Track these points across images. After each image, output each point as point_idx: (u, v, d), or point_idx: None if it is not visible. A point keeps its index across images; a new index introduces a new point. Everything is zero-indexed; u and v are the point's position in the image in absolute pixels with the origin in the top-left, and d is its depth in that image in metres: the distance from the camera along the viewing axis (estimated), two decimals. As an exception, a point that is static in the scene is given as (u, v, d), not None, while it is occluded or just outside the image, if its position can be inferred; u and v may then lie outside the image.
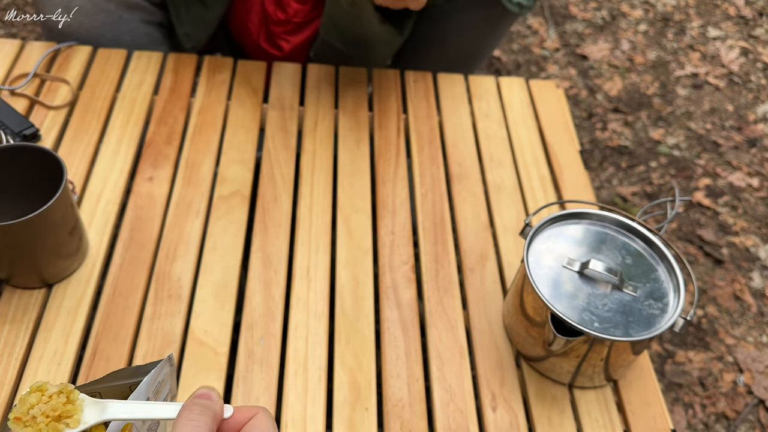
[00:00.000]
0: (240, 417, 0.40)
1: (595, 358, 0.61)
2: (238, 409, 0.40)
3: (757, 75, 1.77)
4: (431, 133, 0.88)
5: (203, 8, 0.96)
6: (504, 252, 0.76)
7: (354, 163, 0.83)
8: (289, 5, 0.98)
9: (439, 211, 0.79)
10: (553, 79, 1.54)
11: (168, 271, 0.69)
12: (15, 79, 0.85)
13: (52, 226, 0.60)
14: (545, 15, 1.88)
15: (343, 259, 0.73)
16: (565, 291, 0.61)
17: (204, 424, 0.38)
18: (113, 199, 0.74)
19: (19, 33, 1.60)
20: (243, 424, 0.39)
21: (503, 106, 0.93)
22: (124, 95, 0.86)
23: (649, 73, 1.74)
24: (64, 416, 0.39)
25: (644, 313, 0.61)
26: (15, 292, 0.65)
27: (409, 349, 0.66)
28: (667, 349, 1.19)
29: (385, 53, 0.97)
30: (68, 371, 0.60)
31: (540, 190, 0.83)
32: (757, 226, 1.41)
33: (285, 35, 1.00)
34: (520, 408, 0.64)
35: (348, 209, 0.78)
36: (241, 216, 0.75)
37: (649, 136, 1.57)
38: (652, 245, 0.66)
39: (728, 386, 1.15)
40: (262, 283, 0.69)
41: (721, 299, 1.27)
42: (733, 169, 1.52)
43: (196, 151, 0.81)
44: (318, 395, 0.62)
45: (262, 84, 0.90)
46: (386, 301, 0.70)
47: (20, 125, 0.78)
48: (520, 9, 0.91)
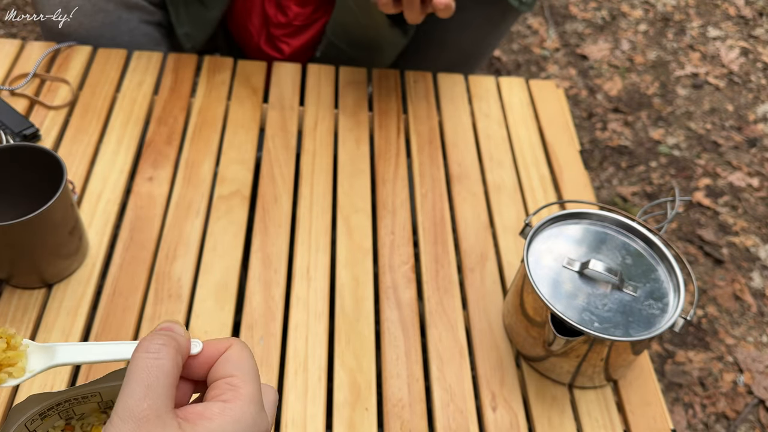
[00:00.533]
0: (211, 352, 0.35)
1: (595, 358, 0.61)
2: (208, 344, 0.35)
3: (757, 75, 1.77)
4: (431, 133, 0.88)
5: (203, 8, 0.96)
6: (504, 252, 0.76)
7: (354, 163, 0.83)
8: (289, 8, 0.98)
9: (439, 211, 0.79)
10: (553, 79, 1.54)
11: (168, 271, 0.69)
12: (15, 79, 0.85)
13: (52, 226, 0.60)
14: (545, 15, 1.88)
15: (343, 259, 0.73)
16: (565, 291, 0.61)
17: (166, 356, 0.32)
18: (113, 199, 0.74)
19: (19, 33, 1.60)
20: (215, 360, 0.34)
21: (503, 106, 0.93)
22: (124, 95, 0.86)
23: (649, 73, 1.74)
24: (5, 364, 0.35)
25: (644, 313, 0.61)
26: (15, 292, 0.65)
27: (409, 349, 0.66)
28: (667, 349, 1.19)
29: (390, 55, 0.98)
30: (68, 371, 0.60)
31: (540, 190, 0.83)
32: (757, 226, 1.41)
33: (285, 38, 1.00)
34: (520, 408, 0.64)
35: (348, 209, 0.78)
36: (241, 216, 0.75)
37: (649, 136, 1.57)
38: (652, 245, 0.66)
39: (728, 386, 1.15)
40: (262, 283, 0.69)
41: (721, 299, 1.27)
42: (733, 169, 1.52)
43: (196, 151, 0.81)
44: (318, 395, 0.62)
45: (262, 84, 0.90)
46: (386, 301, 0.70)
47: (20, 125, 0.78)
48: (519, 4, 0.91)
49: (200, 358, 0.35)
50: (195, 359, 0.35)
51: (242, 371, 0.34)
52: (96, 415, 0.46)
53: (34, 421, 0.43)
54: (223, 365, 0.34)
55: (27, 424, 0.43)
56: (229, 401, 0.32)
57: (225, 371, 0.34)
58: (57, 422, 0.45)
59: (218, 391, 0.33)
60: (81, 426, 0.46)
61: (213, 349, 0.35)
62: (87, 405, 0.45)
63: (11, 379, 0.35)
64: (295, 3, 0.97)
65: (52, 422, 0.45)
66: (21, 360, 0.36)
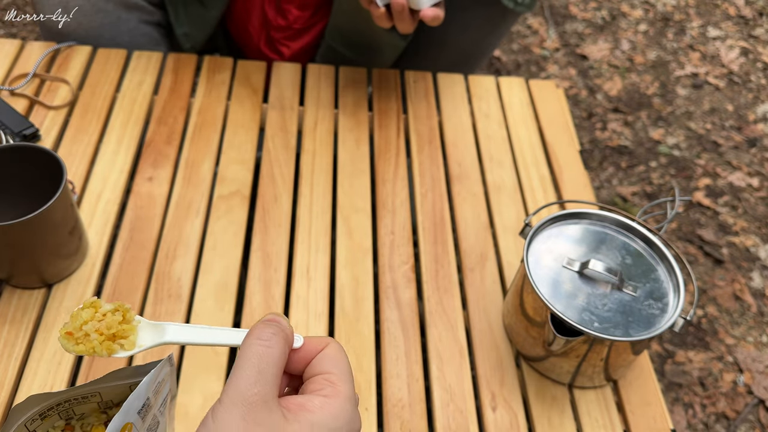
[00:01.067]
0: (310, 348, 0.36)
1: (595, 358, 0.61)
2: (308, 340, 0.36)
3: (757, 75, 1.77)
4: (431, 133, 0.88)
5: (202, 8, 0.96)
6: (504, 252, 0.76)
7: (354, 163, 0.83)
8: (289, 12, 0.98)
9: (439, 211, 0.79)
10: (553, 79, 1.54)
11: (168, 271, 0.69)
12: (15, 79, 0.85)
13: (52, 226, 0.60)
14: (545, 15, 1.88)
15: (343, 259, 0.73)
16: (565, 291, 0.61)
17: (276, 344, 0.34)
18: (113, 199, 0.74)
19: (19, 33, 1.60)
20: (313, 356, 0.36)
21: (503, 106, 0.93)
22: (124, 95, 0.86)
23: (649, 73, 1.74)
24: (119, 336, 0.36)
25: (644, 313, 0.61)
26: (15, 292, 0.65)
27: (409, 349, 0.66)
28: (667, 349, 1.19)
29: (390, 57, 0.98)
30: (68, 371, 0.60)
31: (540, 190, 0.83)
32: (757, 226, 1.41)
33: (285, 41, 1.01)
34: (520, 408, 0.64)
35: (348, 209, 0.78)
36: (241, 216, 0.75)
37: (649, 136, 1.57)
38: (652, 245, 0.66)
39: (728, 386, 1.15)
40: (262, 282, 0.69)
41: (721, 299, 1.27)
42: (733, 169, 1.52)
43: (196, 151, 0.81)
44: (318, 395, 0.62)
45: (262, 84, 0.90)
46: (386, 301, 0.70)
47: (20, 125, 0.78)
48: (515, 5, 0.91)
49: (300, 353, 0.36)
50: (295, 353, 0.36)
51: (340, 370, 0.35)
52: (96, 415, 0.46)
53: (34, 421, 0.43)
54: (322, 362, 0.35)
55: (27, 425, 0.43)
56: (329, 396, 0.34)
57: (323, 368, 0.35)
58: (57, 422, 0.45)
59: (317, 386, 0.34)
60: (81, 426, 0.46)
61: (312, 346, 0.36)
62: (87, 405, 0.45)
63: (122, 351, 0.36)
64: (295, 6, 0.98)
65: (52, 422, 0.45)
66: (133, 334, 0.37)
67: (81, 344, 0.36)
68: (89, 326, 0.36)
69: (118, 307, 0.37)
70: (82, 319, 0.36)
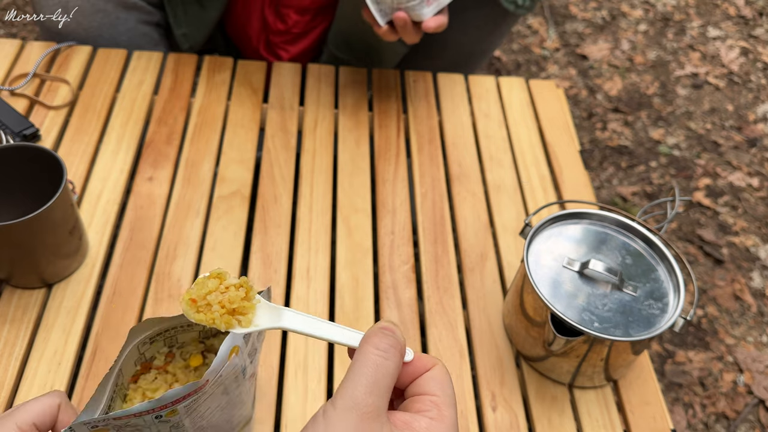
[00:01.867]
0: (419, 365, 0.36)
1: (595, 358, 0.61)
2: (417, 357, 0.36)
3: (757, 75, 1.77)
4: (431, 133, 0.88)
5: (201, 9, 0.96)
6: (504, 252, 0.76)
7: (354, 163, 0.83)
8: (288, 16, 0.98)
9: (439, 211, 0.79)
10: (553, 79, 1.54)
11: (168, 271, 0.69)
12: (15, 79, 0.85)
13: (52, 226, 0.60)
14: (545, 15, 1.88)
15: (343, 259, 0.73)
16: (565, 291, 0.61)
17: (393, 357, 0.33)
18: (113, 199, 0.74)
19: (19, 33, 1.60)
20: (420, 373, 0.35)
21: (503, 106, 0.93)
22: (124, 95, 0.86)
23: (649, 73, 1.74)
24: (238, 312, 0.36)
25: (644, 313, 0.61)
26: (15, 292, 0.65)
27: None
28: (667, 349, 1.19)
29: (392, 61, 0.99)
30: (68, 371, 0.60)
31: (540, 190, 0.83)
32: (757, 226, 1.41)
33: (284, 45, 1.01)
34: (520, 408, 0.64)
35: (348, 209, 0.78)
36: (241, 216, 0.75)
37: (649, 136, 1.57)
38: (652, 245, 0.66)
39: (728, 386, 1.15)
40: (262, 283, 0.69)
41: (721, 299, 1.27)
42: (733, 169, 1.52)
43: (196, 151, 0.81)
44: (318, 395, 0.62)
45: (262, 84, 0.90)
46: (386, 301, 0.70)
47: (20, 125, 0.78)
48: (515, 8, 0.91)
49: (409, 368, 0.36)
50: (404, 368, 0.36)
51: (445, 394, 0.35)
52: (195, 344, 0.48)
53: (144, 344, 0.46)
54: (429, 383, 0.35)
55: (139, 346, 0.45)
56: (435, 419, 0.33)
57: (429, 388, 0.35)
58: (162, 348, 0.47)
59: (423, 406, 0.34)
60: (180, 354, 0.48)
61: (421, 363, 0.36)
62: (189, 334, 0.47)
63: (239, 327, 0.36)
64: (294, 11, 0.98)
65: (158, 348, 0.47)
66: (251, 312, 0.37)
67: (202, 313, 0.36)
68: (213, 297, 0.36)
69: (243, 282, 0.37)
70: (207, 289, 0.36)
